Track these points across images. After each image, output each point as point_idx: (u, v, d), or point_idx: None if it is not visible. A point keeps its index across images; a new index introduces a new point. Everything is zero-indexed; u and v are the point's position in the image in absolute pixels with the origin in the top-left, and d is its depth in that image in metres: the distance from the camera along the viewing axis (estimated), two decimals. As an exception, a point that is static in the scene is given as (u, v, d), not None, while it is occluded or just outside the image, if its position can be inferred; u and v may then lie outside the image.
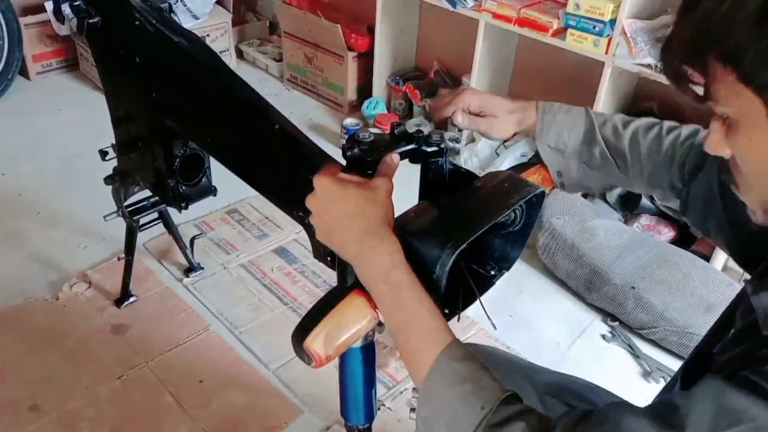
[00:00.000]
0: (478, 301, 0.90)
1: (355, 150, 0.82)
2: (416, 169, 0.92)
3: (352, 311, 0.79)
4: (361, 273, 0.77)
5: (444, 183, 0.92)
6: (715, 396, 0.59)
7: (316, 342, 0.77)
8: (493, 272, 0.94)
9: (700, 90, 0.64)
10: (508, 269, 0.94)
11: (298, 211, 0.95)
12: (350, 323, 0.79)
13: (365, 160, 0.83)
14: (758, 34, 0.54)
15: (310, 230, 0.95)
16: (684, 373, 0.89)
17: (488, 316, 0.89)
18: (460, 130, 2.73)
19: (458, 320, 0.88)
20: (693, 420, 0.58)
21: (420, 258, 0.77)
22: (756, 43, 0.55)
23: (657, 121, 0.98)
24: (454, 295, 0.86)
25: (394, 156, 0.84)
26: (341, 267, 0.85)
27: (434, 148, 0.88)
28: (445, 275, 0.76)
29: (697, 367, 0.80)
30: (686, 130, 0.95)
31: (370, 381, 0.92)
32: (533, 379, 1.06)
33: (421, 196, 0.94)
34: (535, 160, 1.87)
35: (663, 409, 0.62)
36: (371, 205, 0.77)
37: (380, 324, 0.84)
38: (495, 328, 0.94)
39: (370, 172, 0.82)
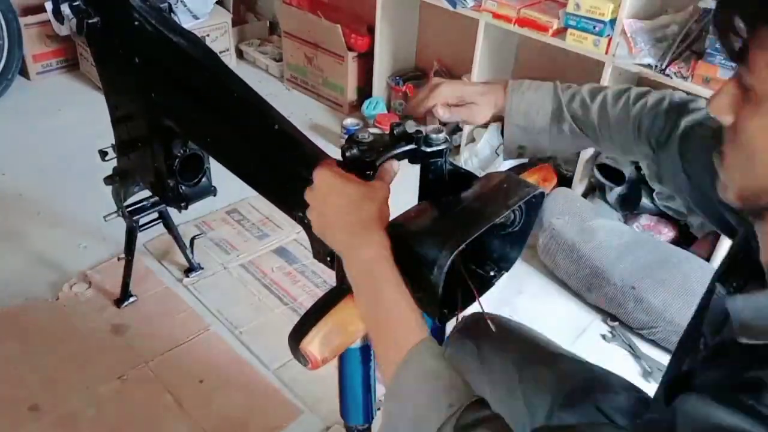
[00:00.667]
0: (477, 302, 0.89)
1: (354, 150, 0.82)
2: (416, 169, 0.92)
3: (349, 313, 0.79)
4: (347, 265, 0.77)
5: (444, 183, 0.91)
6: (706, 418, 0.57)
7: (312, 344, 0.77)
8: (492, 273, 0.93)
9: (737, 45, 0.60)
10: (507, 270, 0.94)
11: (298, 211, 0.95)
12: (347, 325, 0.79)
13: (364, 161, 0.83)
14: None
15: (308, 229, 0.95)
16: (667, 383, 0.88)
17: (487, 317, 0.89)
18: (444, 124, 2.73)
19: (457, 321, 0.88)
20: None
21: (417, 259, 0.77)
22: None
23: (626, 88, 0.98)
24: (453, 295, 0.86)
25: (394, 163, 0.84)
26: (340, 267, 0.85)
27: (434, 149, 0.88)
28: (442, 276, 0.75)
29: (678, 382, 0.79)
30: (652, 98, 0.94)
31: (368, 381, 0.92)
32: (556, 371, 1.06)
33: (421, 197, 0.93)
34: (536, 160, 1.87)
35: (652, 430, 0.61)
36: (368, 201, 0.77)
37: None
38: (494, 329, 0.93)
39: (369, 173, 0.82)
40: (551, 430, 0.67)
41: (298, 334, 0.78)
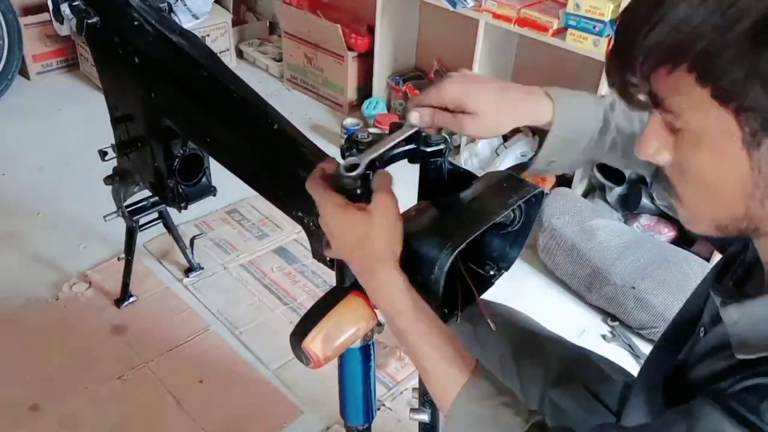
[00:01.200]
0: (477, 301, 0.89)
1: (354, 151, 0.82)
2: (416, 168, 0.92)
3: (350, 312, 0.79)
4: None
5: (443, 183, 0.91)
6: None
7: (314, 343, 0.77)
8: (492, 272, 0.93)
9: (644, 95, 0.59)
10: (507, 269, 0.94)
11: (297, 211, 0.95)
12: (349, 324, 0.79)
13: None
14: (749, 54, 0.51)
15: (309, 230, 0.95)
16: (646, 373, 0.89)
17: (487, 317, 0.89)
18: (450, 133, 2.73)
19: (458, 320, 0.88)
20: None
21: (418, 259, 0.77)
22: (745, 64, 0.51)
23: None
24: (453, 295, 0.86)
25: (385, 172, 0.82)
26: (339, 268, 0.85)
27: (433, 149, 0.88)
28: (443, 277, 0.75)
29: (672, 380, 0.79)
30: None
31: (369, 381, 0.92)
32: (547, 352, 1.07)
33: (420, 196, 0.93)
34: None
35: None
36: (369, 241, 0.74)
37: (379, 324, 0.84)
38: (493, 329, 0.93)
39: (369, 172, 0.82)
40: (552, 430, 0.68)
41: (299, 332, 0.78)
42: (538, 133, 0.94)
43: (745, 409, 0.56)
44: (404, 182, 0.96)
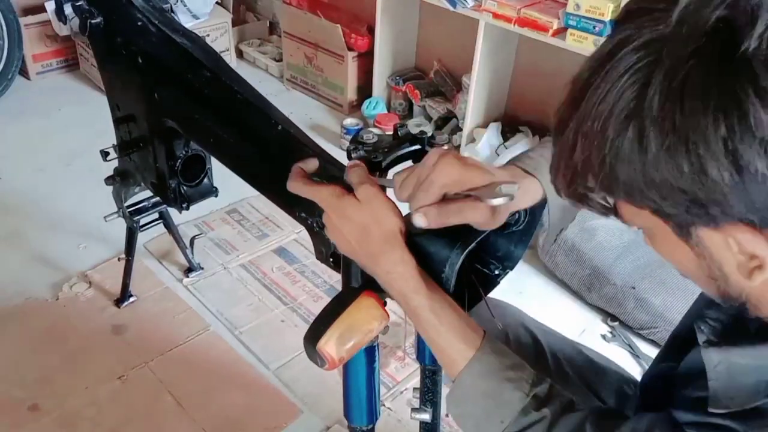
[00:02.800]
0: (484, 301, 0.90)
1: (360, 152, 0.82)
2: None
3: (363, 312, 0.79)
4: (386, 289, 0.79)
5: None
6: None
7: (329, 344, 0.77)
8: (497, 272, 0.94)
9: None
10: (512, 268, 0.94)
11: (300, 212, 0.95)
12: (362, 324, 0.79)
13: (371, 162, 0.83)
14: (638, 162, 0.51)
15: (312, 231, 0.95)
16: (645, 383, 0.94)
17: (493, 316, 0.89)
18: (450, 133, 2.73)
19: None
20: None
21: (429, 258, 0.77)
22: (638, 174, 0.51)
23: None
24: (460, 295, 0.86)
25: (355, 162, 0.81)
26: (346, 267, 0.85)
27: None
28: (454, 275, 0.76)
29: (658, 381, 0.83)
30: None
31: (372, 383, 0.93)
32: (549, 351, 1.10)
33: None
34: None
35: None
36: (374, 226, 0.76)
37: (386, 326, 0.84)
38: (500, 327, 0.94)
39: (377, 173, 0.82)
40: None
41: (314, 335, 0.78)
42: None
43: None
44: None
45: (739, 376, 0.62)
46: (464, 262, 0.77)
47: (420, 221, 0.73)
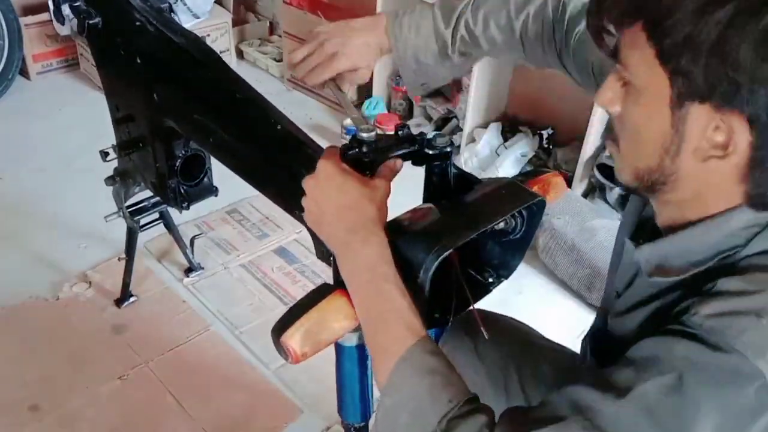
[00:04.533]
0: (472, 307, 0.89)
1: (357, 150, 0.82)
2: (420, 171, 0.92)
3: (332, 310, 0.79)
4: (344, 262, 0.78)
5: (448, 186, 0.91)
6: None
7: (293, 338, 0.77)
8: (491, 279, 0.93)
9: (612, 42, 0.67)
10: (506, 277, 0.93)
11: (300, 211, 0.95)
12: (330, 322, 0.79)
13: (364, 161, 0.83)
14: (694, 22, 0.57)
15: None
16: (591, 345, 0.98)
17: (481, 324, 0.88)
18: (450, 134, 2.73)
19: (449, 325, 0.87)
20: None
21: (406, 261, 0.77)
22: (688, 29, 0.57)
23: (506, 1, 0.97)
24: (447, 300, 0.86)
25: (398, 161, 0.84)
26: (336, 266, 0.85)
27: (437, 152, 0.88)
28: (428, 280, 0.75)
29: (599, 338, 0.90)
30: (533, 6, 0.95)
31: (365, 380, 0.93)
32: (549, 361, 1.08)
33: (426, 199, 0.93)
34: (541, 164, 1.86)
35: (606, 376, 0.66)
36: (368, 202, 0.78)
37: None
38: (486, 337, 0.93)
39: (368, 172, 0.82)
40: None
41: (280, 327, 0.78)
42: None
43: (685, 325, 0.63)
44: (406, 184, 0.96)
45: (673, 259, 0.71)
46: (453, 268, 0.77)
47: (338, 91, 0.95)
